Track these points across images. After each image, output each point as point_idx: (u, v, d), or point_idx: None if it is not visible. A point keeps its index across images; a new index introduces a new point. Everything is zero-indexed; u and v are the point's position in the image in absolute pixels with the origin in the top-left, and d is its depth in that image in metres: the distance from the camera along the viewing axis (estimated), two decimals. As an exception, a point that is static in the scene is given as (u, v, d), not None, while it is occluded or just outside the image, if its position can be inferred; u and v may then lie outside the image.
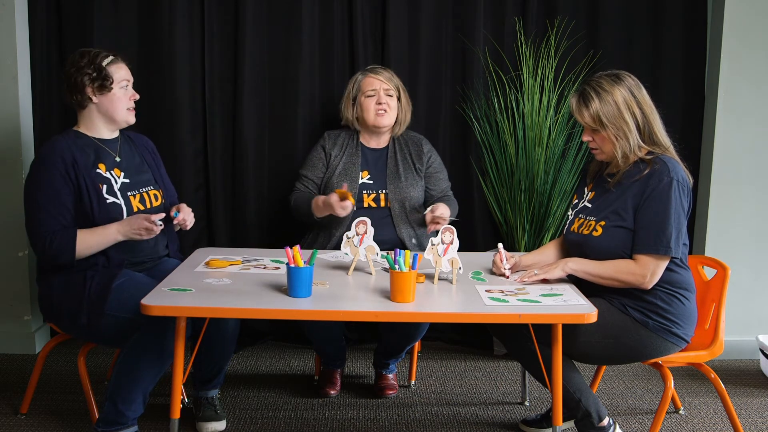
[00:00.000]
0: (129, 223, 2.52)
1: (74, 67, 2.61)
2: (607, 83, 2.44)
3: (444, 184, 3.21)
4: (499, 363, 3.52)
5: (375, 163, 3.14)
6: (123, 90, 2.66)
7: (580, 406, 2.50)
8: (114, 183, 2.63)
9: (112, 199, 2.59)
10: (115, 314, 2.49)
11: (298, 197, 3.11)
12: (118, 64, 2.66)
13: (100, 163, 2.63)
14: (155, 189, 2.76)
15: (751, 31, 3.45)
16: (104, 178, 2.61)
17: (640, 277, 2.40)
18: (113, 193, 2.61)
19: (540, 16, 3.56)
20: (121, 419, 2.51)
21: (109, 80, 2.61)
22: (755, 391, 3.26)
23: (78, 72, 2.59)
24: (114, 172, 2.65)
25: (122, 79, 2.65)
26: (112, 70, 2.62)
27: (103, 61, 2.61)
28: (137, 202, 2.66)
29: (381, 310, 2.24)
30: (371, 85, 3.10)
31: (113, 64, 2.64)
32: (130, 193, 2.66)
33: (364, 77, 3.13)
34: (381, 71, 3.14)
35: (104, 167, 2.63)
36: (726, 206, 3.54)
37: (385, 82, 3.10)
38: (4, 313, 3.48)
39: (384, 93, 3.09)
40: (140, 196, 2.68)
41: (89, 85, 2.60)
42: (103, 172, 2.62)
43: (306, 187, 3.14)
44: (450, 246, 2.45)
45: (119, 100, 2.65)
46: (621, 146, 2.44)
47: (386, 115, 3.09)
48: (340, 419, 2.91)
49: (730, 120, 3.50)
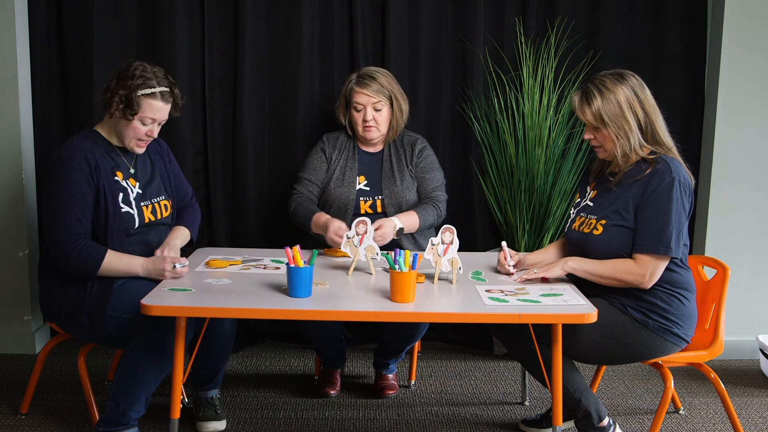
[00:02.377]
0: (154, 264, 2.48)
1: (118, 77, 2.53)
2: (610, 82, 2.44)
3: (430, 185, 3.09)
4: (499, 363, 3.52)
5: (371, 167, 3.12)
6: (141, 125, 2.56)
7: (580, 406, 2.50)
8: (130, 192, 2.61)
9: (127, 208, 2.57)
10: (117, 315, 2.49)
11: (299, 206, 3.03)
12: (155, 101, 2.52)
13: (118, 171, 2.60)
14: (166, 199, 2.73)
15: (751, 31, 3.45)
16: (122, 187, 2.59)
17: (639, 277, 2.40)
18: (128, 202, 2.59)
19: (540, 16, 3.56)
20: (123, 419, 2.51)
21: (133, 111, 2.52)
22: (755, 391, 3.25)
23: (116, 86, 2.52)
24: (129, 182, 2.62)
25: (147, 116, 2.53)
26: (143, 104, 2.51)
27: (141, 91, 2.50)
28: (149, 213, 2.64)
29: (381, 310, 2.24)
30: (359, 99, 3.00)
31: (150, 98, 2.51)
32: (143, 204, 2.64)
33: (354, 88, 3.02)
34: (370, 83, 2.99)
35: (121, 176, 2.61)
36: (726, 206, 3.54)
37: (373, 96, 2.98)
38: (4, 313, 3.48)
39: (372, 108, 3.00)
40: (152, 206, 2.66)
41: (117, 102, 2.52)
42: (121, 180, 2.60)
43: (308, 190, 3.09)
44: (450, 246, 2.45)
45: (133, 130, 2.56)
46: (621, 145, 2.44)
47: (374, 130, 3.03)
48: (340, 419, 2.91)
49: (730, 120, 3.50)
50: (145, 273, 2.49)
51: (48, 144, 3.49)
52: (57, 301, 2.58)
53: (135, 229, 2.59)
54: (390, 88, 3.04)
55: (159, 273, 2.46)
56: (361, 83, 3.01)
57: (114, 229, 2.53)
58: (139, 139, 2.60)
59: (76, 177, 2.48)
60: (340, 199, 3.04)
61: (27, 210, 3.41)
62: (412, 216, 2.97)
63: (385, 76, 3.05)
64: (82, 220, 2.48)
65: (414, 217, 2.97)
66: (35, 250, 3.49)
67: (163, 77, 2.56)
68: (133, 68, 2.53)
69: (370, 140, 3.08)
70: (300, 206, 3.03)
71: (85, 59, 3.42)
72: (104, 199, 2.52)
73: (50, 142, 3.49)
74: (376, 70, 3.08)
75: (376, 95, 3.00)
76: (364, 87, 3.00)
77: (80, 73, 3.44)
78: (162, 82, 2.55)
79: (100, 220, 2.52)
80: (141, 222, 2.60)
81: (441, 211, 3.07)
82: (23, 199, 3.39)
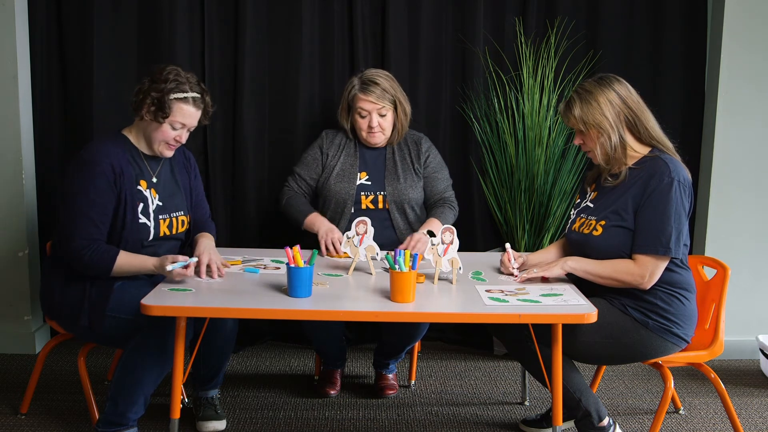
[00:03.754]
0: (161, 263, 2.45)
1: (151, 80, 2.53)
2: (590, 85, 2.49)
3: (442, 185, 3.15)
4: (499, 363, 3.52)
5: (373, 164, 3.13)
6: (171, 129, 2.55)
7: (580, 406, 2.50)
8: (150, 203, 2.59)
9: (144, 219, 2.56)
10: (117, 315, 2.48)
11: (291, 200, 3.05)
12: (187, 105, 2.53)
13: (141, 179, 2.58)
14: (184, 215, 2.71)
15: (751, 31, 3.45)
16: (143, 197, 2.57)
17: (638, 278, 2.40)
18: (147, 213, 2.57)
19: (540, 16, 3.56)
20: (122, 420, 2.51)
21: (165, 114, 2.51)
22: (755, 391, 3.26)
23: (149, 88, 2.51)
24: (151, 192, 2.60)
25: (177, 121, 2.53)
26: (174, 108, 2.51)
27: (174, 94, 2.50)
28: (165, 227, 2.62)
29: (381, 310, 2.24)
30: (363, 106, 3.00)
31: (182, 102, 2.51)
32: (162, 217, 2.61)
33: (357, 95, 3.00)
34: (373, 89, 2.98)
35: (145, 185, 2.59)
36: (726, 206, 3.54)
37: (377, 102, 2.97)
38: (4, 313, 3.48)
39: (377, 114, 3.01)
40: (170, 221, 2.65)
41: (148, 105, 2.51)
42: (143, 189, 2.58)
43: (300, 186, 3.10)
44: (450, 246, 2.46)
45: (162, 133, 2.55)
46: (602, 144, 2.46)
47: (378, 135, 3.04)
48: (340, 419, 2.91)
49: (730, 120, 3.50)
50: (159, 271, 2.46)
51: (48, 144, 3.50)
52: (57, 300, 2.58)
53: (148, 241, 2.58)
54: (393, 92, 3.02)
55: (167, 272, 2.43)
56: (365, 90, 2.99)
57: (129, 238, 2.52)
58: (168, 143, 2.59)
59: (100, 183, 2.47)
60: (340, 194, 3.04)
61: (27, 210, 3.41)
62: (436, 224, 2.98)
63: (387, 80, 3.03)
64: (99, 225, 2.47)
65: (438, 225, 2.97)
66: (35, 250, 3.49)
67: (195, 83, 2.57)
68: (167, 72, 2.53)
69: (375, 144, 3.09)
70: (293, 200, 3.06)
71: (85, 59, 3.42)
72: (124, 207, 2.50)
73: (50, 142, 3.50)
74: (378, 73, 3.05)
75: (381, 101, 2.99)
76: (368, 94, 2.98)
77: (80, 73, 3.44)
78: (194, 87, 2.56)
79: (116, 228, 2.51)
80: (156, 235, 2.59)
81: (456, 210, 3.15)
82: (23, 199, 3.39)
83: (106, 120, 3.43)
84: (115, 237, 2.51)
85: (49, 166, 3.51)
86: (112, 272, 2.46)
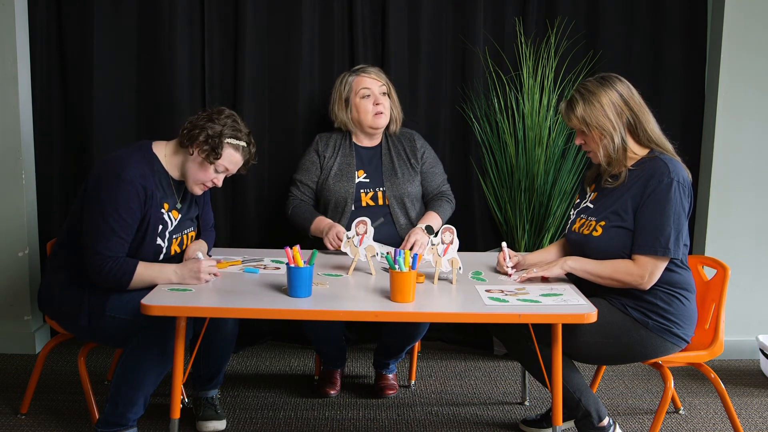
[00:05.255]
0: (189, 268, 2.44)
1: (209, 118, 2.52)
2: (592, 85, 2.48)
3: (439, 179, 3.19)
4: (499, 363, 3.52)
5: (370, 162, 3.14)
6: (214, 171, 2.55)
7: (580, 406, 2.50)
8: (168, 225, 2.57)
9: (159, 240, 2.54)
10: (116, 315, 2.48)
11: (297, 209, 3.07)
12: (237, 153, 2.53)
13: (165, 201, 2.56)
14: (193, 230, 2.71)
15: (751, 32, 3.45)
16: (164, 220, 2.55)
17: (638, 278, 2.40)
18: (163, 235, 2.55)
19: (540, 16, 3.56)
20: (122, 420, 2.50)
21: (217, 156, 2.49)
22: (755, 391, 3.26)
23: (206, 125, 2.50)
24: (172, 214, 2.59)
25: (223, 165, 2.52)
26: (225, 153, 2.50)
27: (229, 139, 2.50)
28: (176, 245, 2.62)
29: (381, 310, 2.24)
30: (365, 84, 3.06)
31: (233, 149, 2.52)
32: (175, 236, 2.61)
33: (356, 77, 3.08)
34: (371, 70, 3.10)
35: (167, 206, 2.57)
36: (726, 206, 3.54)
37: (377, 78, 3.08)
38: (4, 313, 3.48)
39: (380, 93, 3.07)
40: (181, 238, 2.64)
41: (202, 142, 2.49)
42: (166, 211, 2.56)
43: (303, 193, 3.12)
44: (450, 246, 2.46)
45: (205, 174, 2.53)
46: (604, 146, 2.45)
47: (384, 116, 3.08)
48: (340, 419, 2.91)
49: (729, 121, 3.50)
50: (179, 279, 2.44)
51: (48, 144, 3.49)
52: (56, 301, 2.58)
53: (159, 260, 2.57)
54: (386, 80, 3.13)
55: (195, 278, 2.43)
56: (363, 71, 3.10)
57: (144, 257, 2.50)
58: (204, 184, 2.58)
59: (132, 204, 2.44)
60: (339, 193, 3.05)
61: (27, 210, 3.41)
62: (435, 218, 3.04)
63: (379, 69, 3.16)
64: (125, 244, 2.46)
65: (437, 219, 3.05)
66: (35, 250, 3.49)
67: (247, 134, 2.58)
68: (225, 115, 2.54)
69: (379, 128, 3.10)
70: (297, 209, 3.07)
71: (85, 59, 3.42)
72: (145, 228, 2.49)
73: (50, 142, 3.50)
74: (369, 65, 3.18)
75: (380, 78, 3.09)
76: (368, 72, 3.09)
77: (80, 73, 3.44)
78: (246, 137, 2.56)
79: (134, 245, 2.49)
80: (167, 254, 2.58)
81: (453, 203, 3.20)
82: (23, 199, 3.39)
83: (105, 120, 3.44)
84: (131, 252, 2.50)
85: (49, 166, 3.51)
86: (131, 285, 2.44)
